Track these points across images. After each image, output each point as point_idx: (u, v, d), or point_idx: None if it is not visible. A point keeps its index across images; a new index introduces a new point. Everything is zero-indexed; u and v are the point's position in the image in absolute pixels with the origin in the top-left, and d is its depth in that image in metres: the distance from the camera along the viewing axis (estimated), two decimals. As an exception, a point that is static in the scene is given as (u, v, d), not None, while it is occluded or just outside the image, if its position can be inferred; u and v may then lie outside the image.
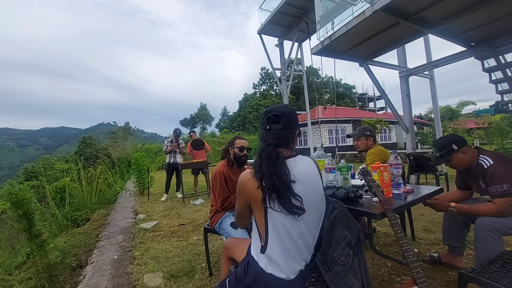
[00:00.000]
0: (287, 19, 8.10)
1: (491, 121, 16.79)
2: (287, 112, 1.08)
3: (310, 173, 1.06)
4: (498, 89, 4.64)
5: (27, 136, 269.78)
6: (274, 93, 33.10)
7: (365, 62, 4.60)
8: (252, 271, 1.03)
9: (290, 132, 1.08)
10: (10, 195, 2.46)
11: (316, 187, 1.05)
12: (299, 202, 0.97)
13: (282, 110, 1.08)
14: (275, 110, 1.08)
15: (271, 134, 1.06)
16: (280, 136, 1.06)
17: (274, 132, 1.06)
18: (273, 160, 1.00)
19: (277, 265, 0.99)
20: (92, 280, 2.18)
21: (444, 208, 1.70)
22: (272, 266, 0.99)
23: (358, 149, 2.60)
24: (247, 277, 1.03)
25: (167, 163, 5.72)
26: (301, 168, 1.05)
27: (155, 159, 16.23)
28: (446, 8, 3.01)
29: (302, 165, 1.06)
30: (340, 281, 0.98)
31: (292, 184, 0.98)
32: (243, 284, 1.04)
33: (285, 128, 1.06)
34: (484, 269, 1.20)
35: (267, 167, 0.98)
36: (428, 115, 24.39)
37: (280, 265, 0.98)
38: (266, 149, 1.03)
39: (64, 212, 4.96)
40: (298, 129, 1.12)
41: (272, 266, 0.99)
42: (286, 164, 1.01)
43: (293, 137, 1.10)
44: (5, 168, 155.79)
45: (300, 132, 1.16)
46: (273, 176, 0.96)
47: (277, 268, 0.99)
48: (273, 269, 0.99)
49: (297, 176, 1.01)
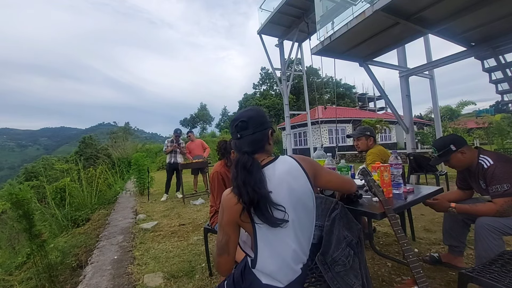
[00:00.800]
0: (287, 19, 8.10)
1: (491, 121, 16.82)
2: (254, 115, 1.03)
3: (290, 171, 0.99)
4: (498, 89, 4.64)
5: (27, 136, 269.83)
6: (274, 93, 33.11)
7: (365, 62, 4.59)
8: (249, 275, 0.99)
9: (263, 134, 1.02)
10: (10, 195, 2.47)
11: (300, 185, 0.98)
12: (282, 213, 0.91)
13: (248, 115, 1.03)
14: (241, 116, 1.03)
15: (244, 141, 1.01)
16: (253, 141, 1.00)
17: (246, 139, 1.00)
18: (248, 169, 0.93)
19: (271, 276, 0.94)
20: (92, 280, 2.18)
21: (444, 209, 1.70)
22: (267, 278, 0.94)
23: (358, 149, 2.60)
24: (244, 281, 0.99)
25: (168, 163, 5.72)
26: (282, 170, 0.98)
27: (155, 159, 16.24)
28: (446, 8, 3.01)
29: (284, 166, 1.00)
30: (341, 281, 0.99)
31: (271, 194, 0.91)
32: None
33: (256, 132, 1.01)
34: (485, 269, 1.20)
35: (242, 179, 0.91)
36: (428, 115, 24.41)
37: (274, 276, 0.94)
38: (241, 157, 0.97)
39: (64, 212, 4.97)
40: (270, 128, 1.06)
41: (267, 278, 0.94)
42: (264, 173, 0.95)
43: (267, 138, 1.04)
44: (5, 168, 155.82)
45: (273, 130, 1.09)
46: (248, 188, 0.89)
47: (272, 279, 0.94)
48: (268, 280, 0.95)
49: (277, 181, 0.95)
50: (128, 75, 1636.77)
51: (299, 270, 0.97)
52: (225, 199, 0.96)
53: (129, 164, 10.63)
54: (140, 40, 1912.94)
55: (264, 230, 0.92)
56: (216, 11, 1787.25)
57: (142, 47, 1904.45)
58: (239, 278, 1.01)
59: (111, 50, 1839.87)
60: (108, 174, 7.83)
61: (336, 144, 13.49)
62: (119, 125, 45.86)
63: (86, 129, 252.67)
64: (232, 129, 1.05)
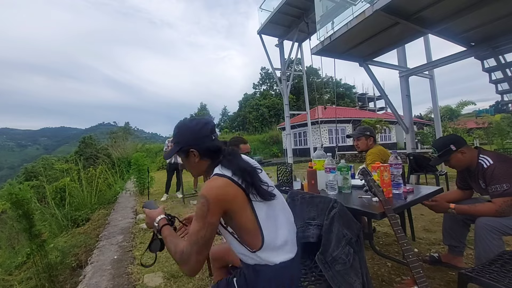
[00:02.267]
0: (287, 19, 8.10)
1: (491, 121, 16.83)
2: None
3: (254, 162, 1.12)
4: (498, 89, 4.63)
5: (27, 136, 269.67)
6: (274, 93, 33.11)
7: (365, 62, 4.60)
8: (261, 267, 0.99)
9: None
10: (10, 195, 2.46)
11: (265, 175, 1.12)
12: (268, 187, 1.01)
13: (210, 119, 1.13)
14: (208, 120, 1.10)
15: (218, 141, 1.08)
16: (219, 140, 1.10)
17: (218, 140, 1.08)
18: (238, 155, 1.06)
19: (282, 249, 0.99)
20: (92, 280, 2.18)
21: (443, 210, 1.70)
22: (279, 253, 0.98)
23: (358, 149, 2.60)
24: (259, 275, 0.99)
25: (168, 163, 5.73)
26: (248, 159, 1.13)
27: (155, 159, 16.26)
28: (446, 8, 3.01)
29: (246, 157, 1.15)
30: (341, 279, 0.99)
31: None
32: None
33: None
34: (484, 269, 1.20)
35: (237, 164, 0.99)
36: (428, 115, 24.40)
37: (285, 246, 1.00)
38: (226, 149, 1.06)
39: (64, 212, 4.97)
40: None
41: (279, 253, 0.98)
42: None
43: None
44: (5, 168, 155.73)
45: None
46: (247, 169, 0.99)
47: (284, 253, 0.99)
48: (280, 256, 0.98)
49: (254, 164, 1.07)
50: (128, 75, 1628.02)
51: (296, 240, 1.07)
52: (221, 186, 0.93)
53: (129, 164, 10.62)
54: (140, 40, 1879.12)
55: (261, 206, 0.97)
56: (216, 11, 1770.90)
57: (142, 47, 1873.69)
58: (252, 275, 1.00)
59: (111, 50, 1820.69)
60: (108, 174, 7.82)
61: (336, 144, 13.48)
62: (119, 125, 45.90)
63: (86, 129, 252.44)
64: (204, 133, 1.05)
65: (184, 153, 1.06)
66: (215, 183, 0.94)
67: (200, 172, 1.11)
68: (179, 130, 1.08)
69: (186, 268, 0.89)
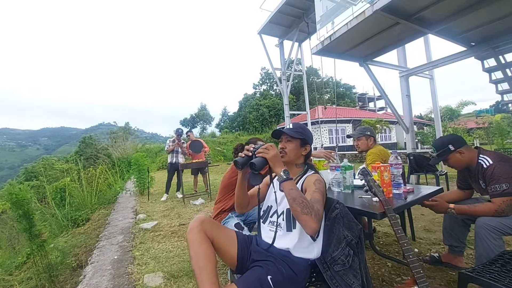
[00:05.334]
0: (287, 19, 8.09)
1: (491, 121, 16.80)
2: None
3: None
4: (498, 89, 4.63)
5: (27, 136, 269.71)
6: (274, 93, 33.07)
7: (365, 62, 4.59)
8: (300, 267, 1.11)
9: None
10: (10, 195, 2.46)
11: None
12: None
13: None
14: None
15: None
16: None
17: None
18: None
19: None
20: (92, 280, 2.18)
21: (443, 210, 1.70)
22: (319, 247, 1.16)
23: (358, 149, 2.60)
24: (298, 274, 1.10)
25: (169, 163, 5.73)
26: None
27: (155, 159, 16.23)
28: (446, 8, 3.01)
29: None
30: (340, 280, 0.99)
31: None
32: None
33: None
34: (485, 269, 1.20)
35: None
36: (428, 115, 24.40)
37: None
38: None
39: (64, 212, 4.96)
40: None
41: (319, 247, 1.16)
42: None
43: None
44: (5, 168, 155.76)
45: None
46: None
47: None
48: (318, 250, 1.15)
49: None
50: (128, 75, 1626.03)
51: None
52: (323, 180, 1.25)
53: (129, 164, 10.62)
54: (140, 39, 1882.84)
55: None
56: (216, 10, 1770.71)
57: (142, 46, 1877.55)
58: (291, 272, 1.07)
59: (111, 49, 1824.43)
60: (108, 174, 7.82)
61: (336, 144, 13.49)
62: (119, 125, 45.81)
63: (86, 129, 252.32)
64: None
65: (304, 145, 1.34)
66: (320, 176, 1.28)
67: (297, 161, 1.34)
68: (306, 130, 1.37)
69: (316, 219, 0.99)
